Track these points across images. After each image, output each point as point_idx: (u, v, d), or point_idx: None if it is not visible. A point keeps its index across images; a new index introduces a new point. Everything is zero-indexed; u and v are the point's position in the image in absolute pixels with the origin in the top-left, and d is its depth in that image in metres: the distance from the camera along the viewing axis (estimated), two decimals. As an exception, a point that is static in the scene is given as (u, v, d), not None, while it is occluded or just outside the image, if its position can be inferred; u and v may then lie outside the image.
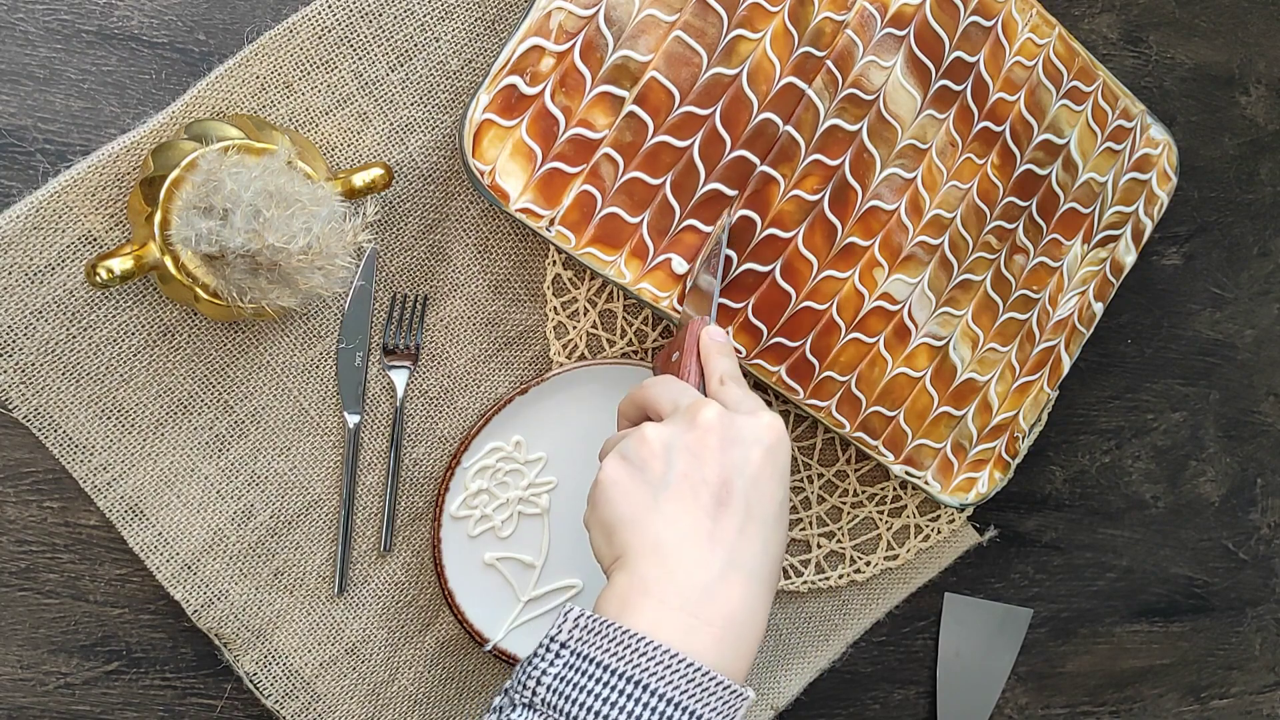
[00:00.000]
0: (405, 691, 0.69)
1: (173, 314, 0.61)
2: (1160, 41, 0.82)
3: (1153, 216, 0.79)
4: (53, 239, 0.58)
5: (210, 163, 0.55)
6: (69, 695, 0.63)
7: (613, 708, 0.46)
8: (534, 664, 0.48)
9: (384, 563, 0.68)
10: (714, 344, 0.59)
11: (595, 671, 0.46)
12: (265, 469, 0.64)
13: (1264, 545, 0.92)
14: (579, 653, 0.47)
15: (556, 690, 0.46)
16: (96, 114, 0.60)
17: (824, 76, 0.67)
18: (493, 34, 0.64)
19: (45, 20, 0.59)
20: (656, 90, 0.64)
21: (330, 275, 0.57)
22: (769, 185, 0.67)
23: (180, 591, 0.63)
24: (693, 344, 0.60)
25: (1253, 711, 0.93)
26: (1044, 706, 0.87)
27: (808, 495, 0.76)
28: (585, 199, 0.64)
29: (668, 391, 0.56)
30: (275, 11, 0.62)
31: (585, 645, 0.47)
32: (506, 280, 0.68)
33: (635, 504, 0.51)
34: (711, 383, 0.57)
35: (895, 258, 0.71)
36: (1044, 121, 0.73)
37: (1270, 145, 0.87)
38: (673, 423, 0.52)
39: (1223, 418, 0.89)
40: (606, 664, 0.47)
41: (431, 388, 0.67)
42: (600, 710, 0.46)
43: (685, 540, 0.49)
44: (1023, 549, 0.84)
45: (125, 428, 0.61)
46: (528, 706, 0.47)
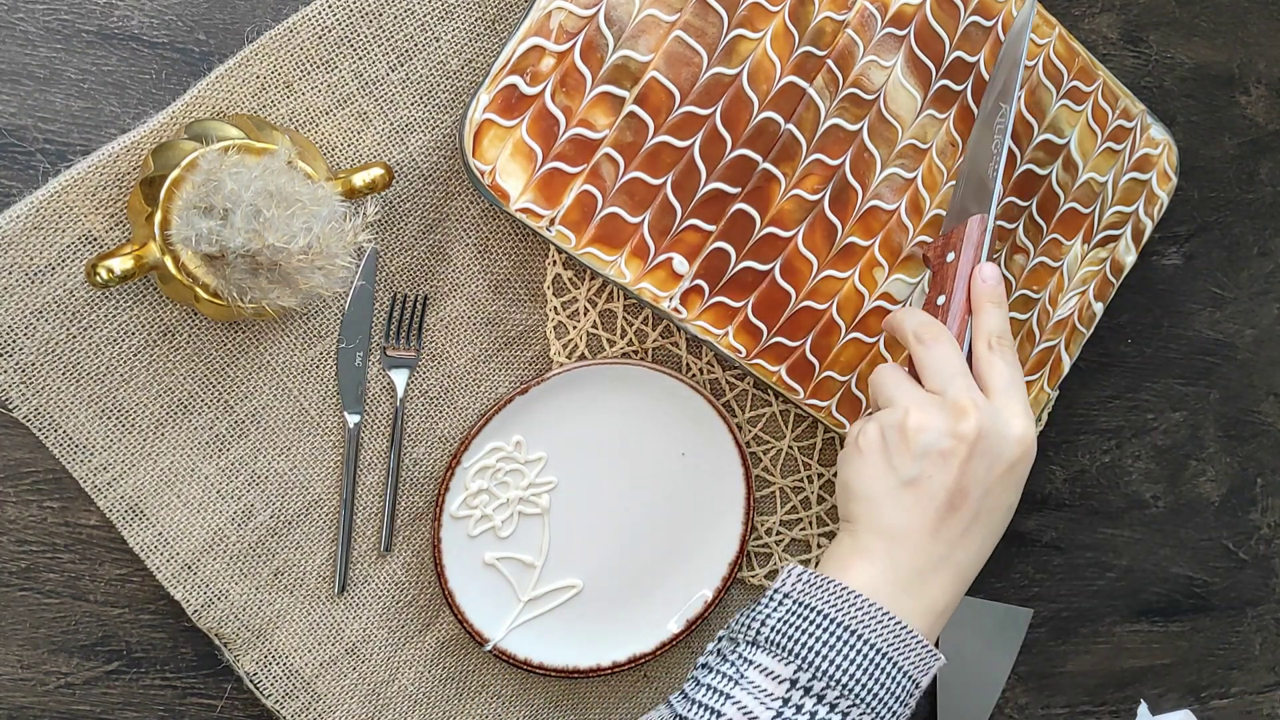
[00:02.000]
0: (405, 691, 0.69)
1: (173, 314, 0.61)
2: (1160, 41, 0.82)
3: (1153, 216, 0.79)
4: (53, 239, 0.58)
5: (210, 163, 0.55)
6: (69, 695, 0.63)
7: (830, 648, 0.51)
8: (757, 611, 0.53)
9: (384, 563, 0.68)
10: (986, 290, 0.60)
11: (815, 618, 0.52)
12: (265, 469, 0.64)
13: (1264, 545, 0.92)
14: (801, 601, 0.53)
15: (780, 630, 0.52)
16: (96, 114, 0.60)
17: (824, 76, 0.67)
18: (493, 34, 0.64)
19: (45, 20, 0.59)
20: (657, 90, 0.64)
21: (330, 275, 0.57)
22: (770, 184, 0.67)
23: (180, 591, 0.63)
24: (970, 253, 0.60)
25: (1253, 711, 0.93)
26: (1044, 706, 0.87)
27: (808, 495, 0.76)
28: (586, 199, 0.64)
29: (943, 366, 0.57)
30: (275, 11, 0.62)
31: (807, 595, 0.53)
32: (507, 280, 0.68)
33: (880, 484, 0.55)
34: (979, 343, 0.59)
35: (895, 257, 0.71)
36: (1044, 121, 0.73)
37: (1270, 145, 0.87)
38: (935, 414, 0.55)
39: (1223, 418, 0.89)
40: (825, 612, 0.52)
41: (432, 388, 0.67)
42: (819, 649, 0.51)
43: (913, 529, 0.54)
44: (1023, 549, 0.84)
45: (125, 428, 0.61)
46: (752, 644, 0.52)
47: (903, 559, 0.54)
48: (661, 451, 0.71)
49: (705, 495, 0.72)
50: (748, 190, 0.67)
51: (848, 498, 0.57)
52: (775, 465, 0.75)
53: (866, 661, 0.51)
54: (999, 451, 0.55)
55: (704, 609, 0.73)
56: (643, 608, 0.73)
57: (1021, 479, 0.57)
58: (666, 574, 0.73)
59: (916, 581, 0.54)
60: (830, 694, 0.50)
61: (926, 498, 0.54)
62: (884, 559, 0.54)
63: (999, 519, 0.56)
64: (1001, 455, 0.55)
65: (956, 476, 0.54)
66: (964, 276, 0.60)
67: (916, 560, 0.54)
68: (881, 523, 0.55)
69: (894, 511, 0.55)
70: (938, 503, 0.54)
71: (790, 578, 0.54)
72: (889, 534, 0.54)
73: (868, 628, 0.52)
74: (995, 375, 0.57)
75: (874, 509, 0.55)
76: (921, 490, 0.54)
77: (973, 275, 0.60)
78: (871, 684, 0.51)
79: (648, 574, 0.72)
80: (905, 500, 0.55)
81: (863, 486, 0.56)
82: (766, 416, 0.74)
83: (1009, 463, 0.55)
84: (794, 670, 0.51)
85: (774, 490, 0.75)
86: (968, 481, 0.54)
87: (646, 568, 0.72)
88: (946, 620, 0.55)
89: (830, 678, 0.50)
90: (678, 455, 0.72)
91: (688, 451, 0.72)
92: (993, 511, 0.56)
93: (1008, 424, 0.56)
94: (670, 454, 0.72)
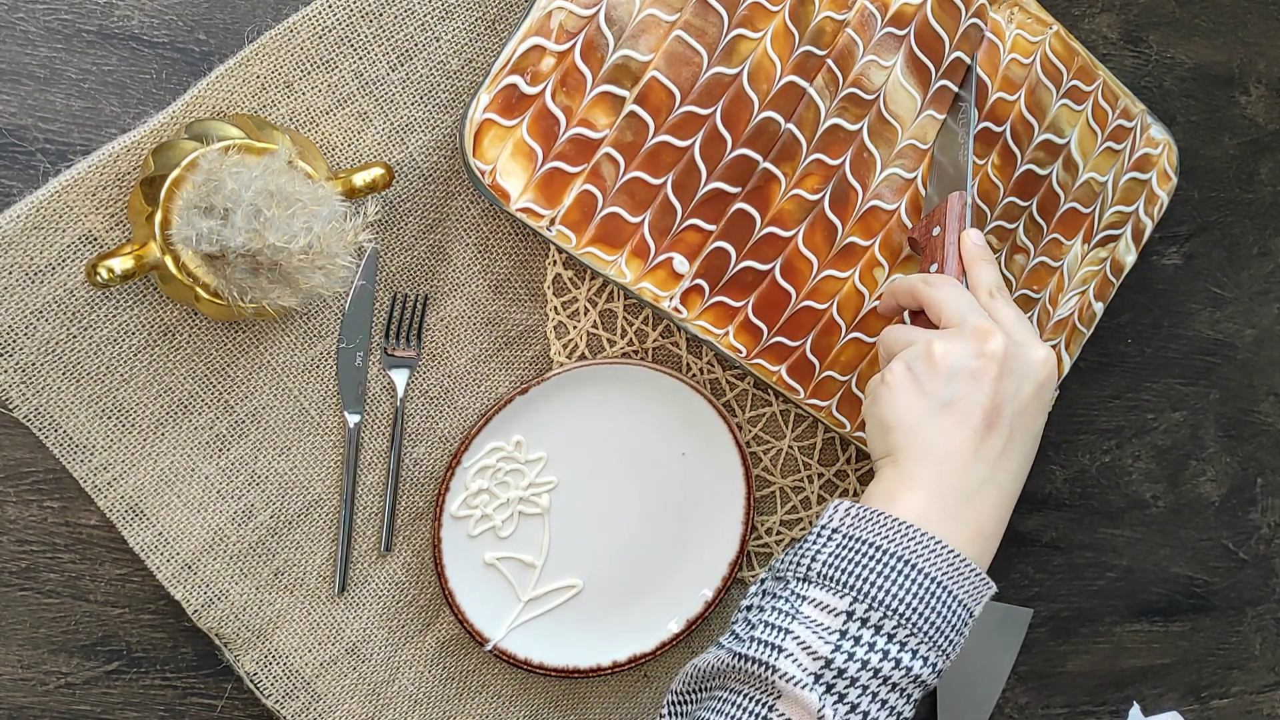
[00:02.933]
0: (405, 691, 0.69)
1: (173, 314, 0.61)
2: (1160, 41, 0.82)
3: (1153, 216, 0.79)
4: (53, 239, 0.58)
5: (211, 162, 0.55)
6: (69, 695, 0.63)
7: (883, 578, 0.51)
8: (806, 547, 0.53)
9: (384, 563, 0.68)
10: (977, 250, 0.63)
11: (867, 550, 0.52)
12: (265, 469, 0.64)
13: (1264, 545, 0.92)
14: (851, 535, 0.53)
15: (831, 564, 0.52)
16: (97, 114, 0.60)
17: (825, 75, 0.67)
18: (493, 34, 0.64)
19: (45, 20, 0.59)
20: (657, 90, 0.64)
21: (331, 275, 0.57)
22: (770, 183, 0.67)
23: (180, 591, 0.63)
24: (954, 222, 0.64)
25: (1253, 711, 0.93)
26: (1044, 706, 0.87)
27: (808, 495, 0.76)
28: (586, 199, 0.64)
29: (955, 303, 0.58)
30: (275, 11, 0.62)
31: (856, 529, 0.53)
32: (507, 280, 0.68)
33: (914, 411, 0.56)
34: (980, 294, 0.60)
35: (896, 257, 0.71)
36: (1044, 121, 0.73)
37: (1270, 145, 0.87)
38: (958, 342, 0.56)
39: (1223, 418, 0.89)
40: (877, 544, 0.52)
41: (432, 387, 0.67)
42: (872, 580, 0.51)
43: (954, 453, 0.54)
44: (1023, 549, 0.84)
45: (125, 427, 0.61)
46: (803, 580, 0.52)
47: (949, 481, 0.54)
48: (661, 451, 0.71)
49: (705, 495, 0.72)
50: (748, 190, 0.67)
51: (884, 431, 0.56)
52: (775, 465, 0.75)
53: (921, 590, 0.51)
54: (1026, 370, 0.56)
55: (704, 609, 0.73)
56: (643, 608, 0.73)
57: (1048, 402, 0.58)
58: (666, 574, 0.73)
59: (964, 504, 0.54)
60: (888, 624, 0.50)
61: (963, 416, 0.55)
62: (930, 484, 0.54)
63: (1031, 440, 0.57)
64: (1029, 374, 0.56)
65: (990, 394, 0.55)
66: (953, 244, 0.63)
67: (962, 481, 0.54)
68: (923, 446, 0.55)
69: (934, 434, 0.55)
70: (974, 421, 0.55)
71: (838, 513, 0.54)
72: (932, 456, 0.54)
73: (921, 556, 0.51)
74: (1003, 316, 0.59)
75: (913, 435, 0.55)
76: (958, 410, 0.55)
77: (960, 239, 0.63)
78: (927, 612, 0.51)
79: (648, 574, 0.72)
80: (943, 422, 0.55)
81: (898, 416, 0.56)
82: (766, 416, 0.74)
83: (1037, 383, 0.56)
84: (849, 602, 0.51)
85: (774, 490, 0.75)
86: (1001, 399, 0.55)
87: (646, 568, 0.72)
88: (996, 547, 0.55)
89: (886, 607, 0.50)
90: (678, 455, 0.72)
91: (688, 451, 0.72)
92: (1026, 431, 0.56)
93: (1029, 348, 0.57)
94: (670, 454, 0.72)
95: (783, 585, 0.53)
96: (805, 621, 0.51)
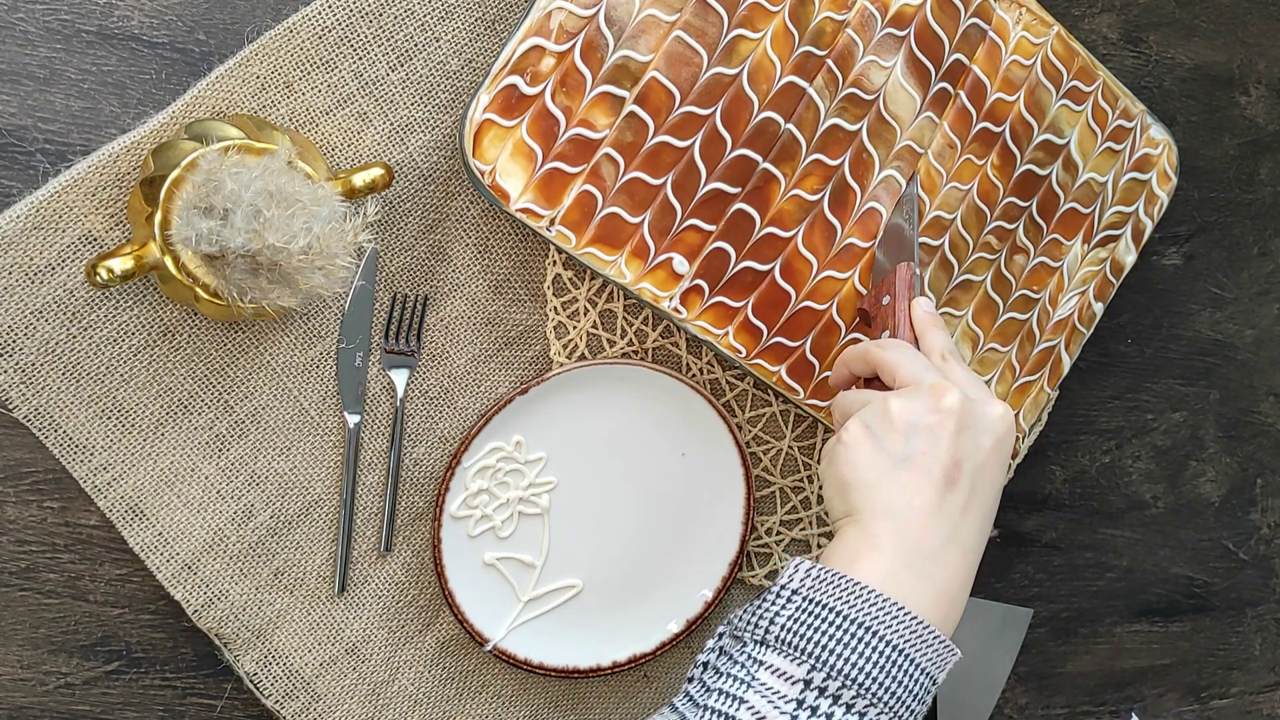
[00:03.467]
0: (405, 691, 0.69)
1: (173, 314, 0.61)
2: (1160, 41, 0.82)
3: (1153, 216, 0.79)
4: (53, 239, 0.58)
5: (210, 163, 0.55)
6: (69, 695, 0.63)
7: (844, 646, 0.49)
8: (765, 608, 0.51)
9: (384, 563, 0.68)
10: (927, 317, 0.62)
11: (827, 615, 0.50)
12: (265, 469, 0.64)
13: (1264, 545, 0.92)
14: (811, 598, 0.51)
15: (790, 629, 0.50)
16: (96, 114, 0.60)
17: (824, 76, 0.67)
18: (493, 34, 0.64)
19: (45, 20, 0.59)
20: (657, 90, 0.64)
21: (330, 275, 0.57)
22: (770, 183, 0.67)
23: (180, 591, 0.63)
24: (904, 290, 0.64)
25: (1253, 711, 0.93)
26: (1044, 706, 0.87)
27: (808, 495, 0.76)
28: (586, 199, 0.64)
29: (909, 364, 0.58)
30: (275, 11, 0.62)
31: (817, 592, 0.51)
32: (507, 280, 0.68)
33: (874, 468, 0.55)
34: (933, 358, 0.60)
35: (895, 258, 0.71)
36: (1044, 121, 0.73)
37: (1270, 145, 0.87)
38: (915, 399, 0.55)
39: (1223, 418, 0.89)
40: (838, 609, 0.50)
41: (431, 388, 0.67)
42: (832, 647, 0.49)
43: (916, 510, 0.53)
44: (1023, 549, 0.84)
45: (125, 428, 0.61)
46: (760, 643, 0.51)
47: (911, 541, 0.53)
48: (661, 451, 0.71)
49: (705, 495, 0.72)
50: (748, 190, 0.67)
51: (844, 491, 0.55)
52: (775, 465, 0.75)
53: (882, 659, 0.49)
54: (985, 425, 0.55)
55: (704, 609, 0.73)
56: (643, 608, 0.73)
57: (1007, 458, 0.57)
58: (666, 574, 0.73)
59: (928, 564, 0.53)
60: (846, 693, 0.49)
61: (924, 473, 0.54)
62: (892, 544, 0.53)
63: (993, 497, 0.56)
64: (987, 429, 0.55)
65: (949, 449, 0.54)
66: (903, 312, 0.63)
67: (924, 540, 0.53)
68: (884, 504, 0.54)
69: (895, 491, 0.54)
70: (935, 477, 0.54)
71: (798, 573, 0.52)
72: (893, 515, 0.53)
73: (883, 624, 0.50)
74: (957, 376, 0.58)
75: (874, 493, 0.54)
76: (917, 466, 0.54)
77: (911, 307, 0.63)
78: (888, 681, 0.49)
79: (648, 574, 0.72)
80: (904, 478, 0.54)
81: (857, 474, 0.55)
82: (766, 416, 0.74)
83: (996, 437, 0.55)
84: (807, 670, 0.49)
85: (774, 490, 0.75)
86: (961, 454, 0.54)
87: (646, 568, 0.72)
88: (961, 608, 0.54)
89: (846, 676, 0.49)
90: (678, 455, 0.72)
91: (688, 451, 0.72)
92: (987, 487, 0.55)
93: (986, 404, 0.56)
94: (670, 454, 0.72)
95: (739, 647, 0.52)
96: (761, 689, 0.49)
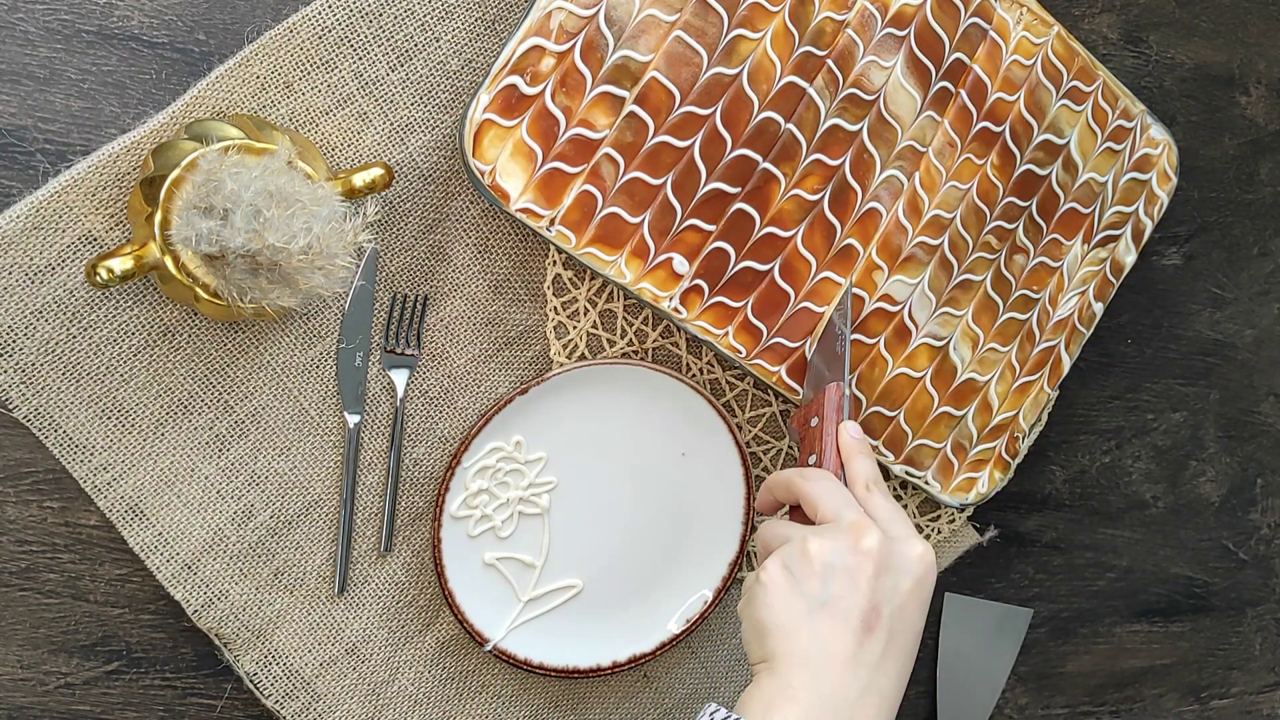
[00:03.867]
0: (405, 691, 0.69)
1: (173, 314, 0.61)
2: (1160, 41, 0.82)
3: (1153, 216, 0.79)
4: (53, 239, 0.58)
5: (210, 163, 0.55)
6: (69, 695, 0.63)
7: None
8: None
9: (384, 563, 0.68)
10: (854, 443, 0.62)
11: None
12: (265, 469, 0.64)
13: (1264, 545, 0.92)
14: None
15: None
16: (96, 114, 0.60)
17: (824, 76, 0.67)
18: (493, 34, 0.64)
19: (45, 20, 0.59)
20: (657, 90, 0.64)
21: (330, 275, 0.57)
22: (770, 183, 0.67)
23: (180, 591, 0.63)
24: (832, 414, 0.63)
25: (1253, 711, 0.93)
26: (1044, 706, 0.87)
27: (808, 495, 0.76)
28: (586, 199, 0.64)
29: (830, 498, 0.57)
30: (275, 11, 0.62)
31: None
32: (506, 280, 0.68)
33: (790, 613, 0.54)
34: (856, 488, 0.59)
35: (895, 259, 0.71)
36: (1044, 121, 0.73)
37: (1270, 145, 0.87)
38: (833, 539, 0.54)
39: (1223, 418, 0.89)
40: None
41: (431, 388, 0.67)
42: None
43: (832, 658, 0.52)
44: (1023, 549, 0.84)
45: (125, 428, 0.61)
46: None
47: (827, 690, 0.52)
48: (661, 451, 0.71)
49: (705, 495, 0.72)
50: (748, 190, 0.67)
51: (762, 636, 0.54)
52: (775, 465, 0.75)
53: None
54: (904, 567, 0.55)
55: (704, 609, 0.73)
56: (643, 608, 0.73)
57: (927, 599, 0.56)
58: (666, 574, 0.73)
59: (843, 715, 0.52)
60: None
61: (841, 619, 0.53)
62: (808, 695, 0.51)
63: (912, 641, 0.55)
64: (906, 570, 0.55)
65: (867, 593, 0.53)
66: (830, 435, 0.63)
67: (841, 690, 0.52)
68: (801, 651, 0.53)
69: (811, 638, 0.53)
70: (853, 623, 0.53)
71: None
72: (810, 664, 0.52)
73: None
74: (879, 511, 0.58)
75: (790, 640, 0.53)
76: (835, 611, 0.53)
77: (839, 432, 0.63)
78: None
79: (648, 574, 0.72)
80: (820, 625, 0.53)
81: (774, 619, 0.54)
82: (766, 416, 0.74)
83: (915, 578, 0.55)
84: None
85: (774, 490, 0.75)
86: (879, 598, 0.53)
87: (646, 568, 0.72)
88: None
89: None
90: (678, 455, 0.72)
91: (688, 451, 0.72)
92: (906, 633, 0.54)
93: (906, 543, 0.55)
94: (670, 454, 0.72)
95: None
96: None
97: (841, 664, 0.52)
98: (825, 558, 0.54)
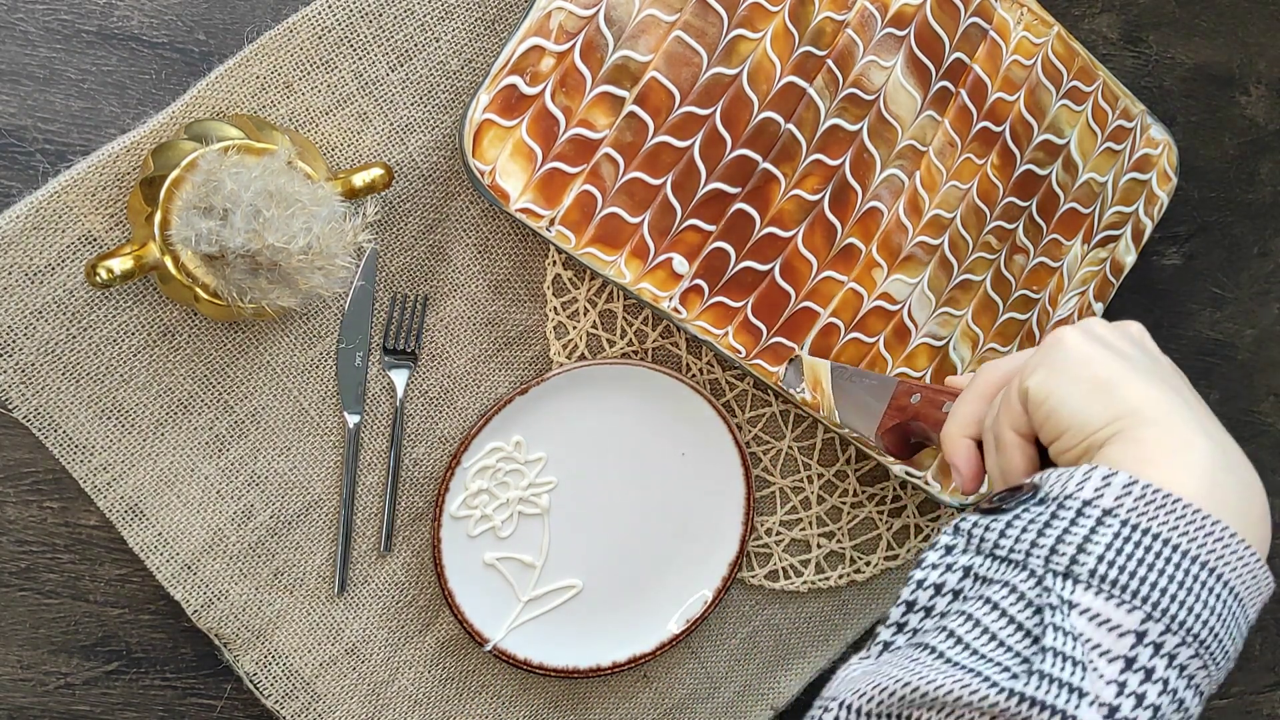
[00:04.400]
0: (405, 691, 0.69)
1: (173, 314, 0.61)
2: (1160, 41, 0.82)
3: (1153, 216, 0.79)
4: (53, 239, 0.58)
5: (210, 163, 0.55)
6: (69, 695, 0.63)
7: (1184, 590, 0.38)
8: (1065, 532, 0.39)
9: (384, 563, 0.68)
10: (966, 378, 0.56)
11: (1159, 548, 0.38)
12: (265, 469, 0.64)
13: (1264, 545, 0.91)
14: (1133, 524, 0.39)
15: (1113, 562, 0.38)
16: (96, 114, 0.60)
17: (824, 76, 0.67)
18: (493, 34, 0.64)
19: (45, 20, 0.59)
20: (657, 90, 0.64)
21: (330, 275, 0.57)
22: (770, 183, 0.67)
23: (180, 591, 0.63)
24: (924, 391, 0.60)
25: (1252, 711, 0.93)
26: (1044, 706, 0.86)
27: (808, 495, 0.76)
28: (585, 199, 0.64)
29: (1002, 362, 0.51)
30: (275, 11, 0.62)
31: (1141, 516, 0.39)
32: (506, 280, 0.68)
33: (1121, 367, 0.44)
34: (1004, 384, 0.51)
35: (895, 258, 0.71)
36: (1044, 121, 0.73)
37: (1270, 145, 0.87)
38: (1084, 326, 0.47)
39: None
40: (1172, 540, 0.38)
41: (431, 388, 0.67)
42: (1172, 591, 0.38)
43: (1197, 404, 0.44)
44: (1023, 549, 0.84)
45: (125, 428, 0.61)
46: (1065, 576, 0.38)
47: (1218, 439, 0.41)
48: (661, 451, 0.71)
49: (705, 495, 0.72)
50: (748, 190, 0.67)
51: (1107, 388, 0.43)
52: (775, 465, 0.75)
53: (1224, 607, 0.38)
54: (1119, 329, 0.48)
55: (704, 609, 0.73)
56: (643, 608, 0.73)
57: None
58: (666, 574, 0.73)
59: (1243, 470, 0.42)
60: (1184, 652, 0.37)
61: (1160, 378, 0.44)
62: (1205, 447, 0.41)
63: None
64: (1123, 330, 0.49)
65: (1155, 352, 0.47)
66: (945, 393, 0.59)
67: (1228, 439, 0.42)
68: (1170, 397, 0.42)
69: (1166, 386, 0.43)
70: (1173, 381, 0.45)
71: (1111, 488, 0.39)
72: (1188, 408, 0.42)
73: (1224, 561, 0.38)
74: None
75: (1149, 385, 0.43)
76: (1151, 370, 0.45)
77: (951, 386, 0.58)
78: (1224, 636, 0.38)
79: (648, 574, 0.72)
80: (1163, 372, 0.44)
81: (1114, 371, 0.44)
82: (766, 416, 0.74)
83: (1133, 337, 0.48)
84: (1140, 620, 0.37)
85: (774, 490, 0.75)
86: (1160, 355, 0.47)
87: (646, 568, 0.72)
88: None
89: (1187, 631, 0.37)
90: (678, 455, 0.72)
91: (688, 451, 0.72)
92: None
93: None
94: (670, 454, 0.72)
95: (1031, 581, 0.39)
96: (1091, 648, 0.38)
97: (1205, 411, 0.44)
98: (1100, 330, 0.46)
